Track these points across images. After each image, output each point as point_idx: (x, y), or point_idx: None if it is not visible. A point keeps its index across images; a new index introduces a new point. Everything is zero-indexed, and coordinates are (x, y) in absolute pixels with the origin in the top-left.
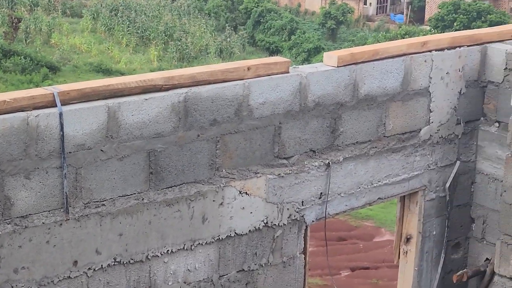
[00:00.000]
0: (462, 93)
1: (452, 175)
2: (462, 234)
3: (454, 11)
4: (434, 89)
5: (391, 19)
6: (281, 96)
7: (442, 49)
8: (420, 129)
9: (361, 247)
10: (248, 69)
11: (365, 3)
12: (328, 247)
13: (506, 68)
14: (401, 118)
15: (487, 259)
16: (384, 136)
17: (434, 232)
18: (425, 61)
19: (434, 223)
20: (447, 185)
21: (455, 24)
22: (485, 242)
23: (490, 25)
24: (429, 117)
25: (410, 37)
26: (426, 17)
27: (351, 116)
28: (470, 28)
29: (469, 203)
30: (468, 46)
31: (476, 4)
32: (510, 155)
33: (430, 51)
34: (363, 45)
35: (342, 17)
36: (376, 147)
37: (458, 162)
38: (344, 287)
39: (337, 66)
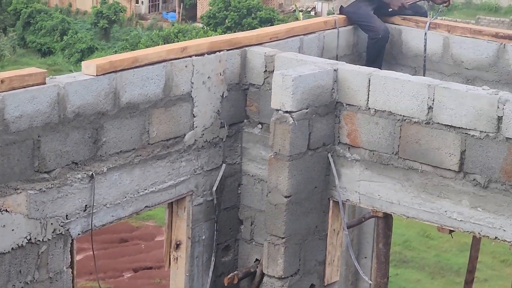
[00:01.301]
0: (224, 96)
1: (219, 178)
2: (232, 237)
3: (225, 8)
4: (196, 94)
5: (163, 17)
6: (38, 108)
7: (202, 54)
8: (185, 135)
9: (143, 248)
10: (2, 82)
11: (137, 2)
12: (110, 249)
13: (265, 70)
14: (165, 124)
15: (256, 260)
16: (149, 144)
17: (204, 237)
18: (185, 66)
19: (203, 227)
20: (214, 188)
21: (226, 21)
22: (254, 243)
23: (260, 22)
24: (193, 122)
25: (184, 34)
26: (198, 14)
27: (113, 125)
28: (241, 25)
29: (236, 205)
30: (228, 50)
31: (246, 1)
32: (273, 156)
33: (190, 56)
34: (137, 43)
35: (115, 16)
36: (140, 155)
37: (224, 165)
38: None
39: (96, 75)
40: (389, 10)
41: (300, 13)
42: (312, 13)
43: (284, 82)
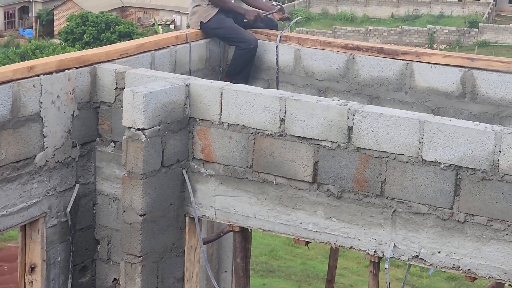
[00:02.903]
0: (75, 115)
1: (73, 198)
2: (88, 257)
3: (83, 23)
4: (45, 113)
5: (20, 34)
6: None
7: (50, 73)
8: (35, 156)
9: (5, 269)
10: None
11: None
12: None
13: (116, 87)
14: (14, 146)
15: (115, 279)
16: None
17: (59, 258)
18: (33, 86)
19: (58, 249)
20: (68, 209)
21: (85, 36)
22: (111, 262)
23: (120, 36)
24: (44, 143)
25: (41, 51)
26: (56, 30)
27: None
28: (100, 40)
29: (92, 225)
30: (77, 68)
31: (104, 16)
32: (126, 174)
33: (38, 75)
34: None
35: None
36: None
37: (77, 185)
38: None
39: None
40: (244, 21)
41: (160, 27)
42: (172, 26)
43: (134, 99)
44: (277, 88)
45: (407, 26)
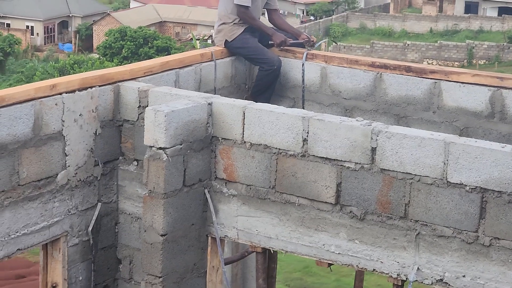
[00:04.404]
0: (98, 133)
1: (94, 217)
2: (110, 276)
3: (121, 38)
4: (68, 132)
5: (60, 48)
6: None
7: (73, 91)
8: (57, 174)
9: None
10: None
11: (32, 34)
12: (7, 286)
13: (139, 106)
14: (35, 164)
15: None
16: (19, 185)
17: (81, 277)
18: (56, 104)
19: (80, 268)
20: (90, 228)
21: (123, 51)
22: (133, 282)
23: (157, 51)
24: (65, 161)
25: (79, 65)
26: (95, 45)
27: None
28: (138, 55)
29: (114, 244)
30: (100, 86)
31: (142, 31)
32: (147, 194)
33: (60, 93)
34: (33, 75)
35: (10, 49)
36: (10, 197)
37: (99, 204)
38: None
39: None
40: (270, 42)
41: (197, 41)
42: (209, 41)
43: (156, 118)
44: (303, 107)
45: (446, 41)
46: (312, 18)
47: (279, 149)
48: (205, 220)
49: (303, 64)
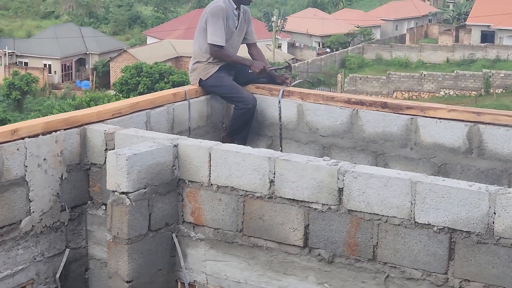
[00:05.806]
0: (64, 178)
1: (62, 264)
2: None
3: (137, 74)
4: (31, 177)
5: (77, 85)
6: None
7: (36, 135)
8: (21, 221)
9: None
10: None
11: (49, 72)
12: None
13: (106, 149)
14: None
15: None
16: None
17: None
18: (17, 149)
19: None
20: (58, 275)
21: (139, 87)
22: None
23: (173, 85)
24: (30, 207)
25: (95, 102)
26: (112, 81)
27: None
28: (154, 90)
29: None
30: (65, 129)
31: (158, 66)
32: (111, 240)
33: (22, 138)
34: (51, 113)
35: (27, 87)
36: None
37: (67, 249)
38: None
39: None
40: (249, 71)
41: None
42: None
43: (118, 162)
44: (281, 145)
45: (462, 71)
46: (328, 50)
47: (246, 191)
48: (173, 265)
49: (279, 102)
